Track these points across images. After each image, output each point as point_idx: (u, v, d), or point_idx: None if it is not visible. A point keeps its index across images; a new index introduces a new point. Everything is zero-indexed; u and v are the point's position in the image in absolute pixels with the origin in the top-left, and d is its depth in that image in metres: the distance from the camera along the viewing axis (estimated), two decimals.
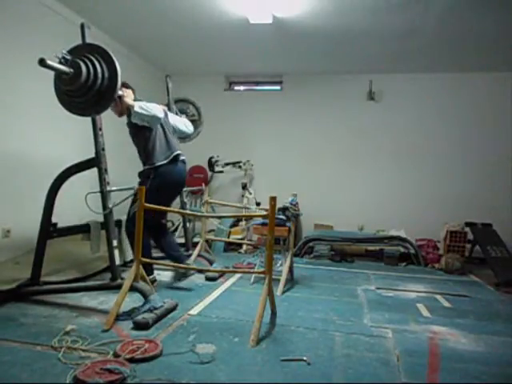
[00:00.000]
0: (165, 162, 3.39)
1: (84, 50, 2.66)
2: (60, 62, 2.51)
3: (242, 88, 6.65)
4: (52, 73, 2.64)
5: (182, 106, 4.50)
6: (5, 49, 3.62)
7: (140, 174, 3.51)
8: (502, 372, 2.15)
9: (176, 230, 6.06)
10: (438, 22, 4.17)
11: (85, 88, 2.56)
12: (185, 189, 4.64)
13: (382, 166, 6.03)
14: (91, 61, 2.57)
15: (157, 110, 3.30)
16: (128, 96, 3.29)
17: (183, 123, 3.90)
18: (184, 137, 4.11)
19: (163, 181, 3.38)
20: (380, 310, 3.12)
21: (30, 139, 3.90)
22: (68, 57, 2.55)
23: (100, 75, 2.56)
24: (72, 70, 2.51)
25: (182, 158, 3.53)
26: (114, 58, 2.60)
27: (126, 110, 3.33)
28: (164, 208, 3.14)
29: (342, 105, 6.16)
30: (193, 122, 4.22)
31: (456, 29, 4.31)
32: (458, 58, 5.21)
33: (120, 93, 3.09)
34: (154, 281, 3.44)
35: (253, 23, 4.33)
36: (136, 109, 3.17)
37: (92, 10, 4.22)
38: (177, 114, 4.20)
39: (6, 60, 3.63)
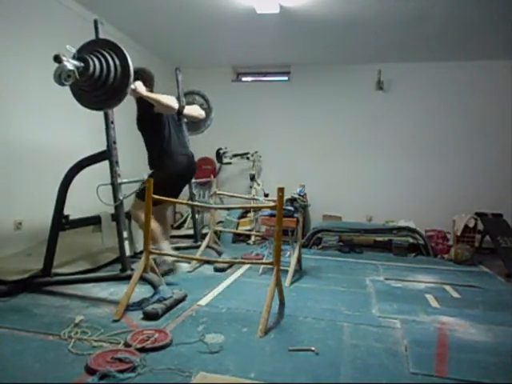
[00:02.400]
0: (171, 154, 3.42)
1: (96, 46, 2.66)
2: (72, 57, 2.54)
3: (249, 79, 6.62)
4: None
5: (187, 98, 4.51)
6: (20, 45, 3.64)
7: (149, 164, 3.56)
8: (511, 362, 2.14)
9: (185, 221, 6.11)
10: (446, 9, 4.09)
11: (98, 83, 2.57)
12: (193, 180, 4.66)
13: (390, 157, 5.98)
14: (103, 56, 2.57)
15: (171, 100, 3.29)
16: (139, 86, 3.25)
17: (195, 110, 3.90)
18: (198, 126, 4.12)
19: (167, 173, 3.42)
20: (388, 300, 3.12)
21: (43, 132, 3.94)
22: (73, 51, 2.60)
23: (112, 70, 2.56)
24: (82, 65, 2.52)
25: (186, 151, 3.57)
26: (125, 53, 2.60)
27: (139, 100, 3.33)
28: (173, 200, 3.17)
29: (350, 95, 6.10)
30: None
31: (464, 16, 4.23)
32: (466, 46, 5.11)
33: (132, 86, 3.07)
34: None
35: (260, 13, 4.29)
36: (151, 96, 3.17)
37: (99, 2, 4.21)
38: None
39: (21, 55, 3.65)
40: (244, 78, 6.62)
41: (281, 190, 2.58)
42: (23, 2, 3.70)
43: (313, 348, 2.16)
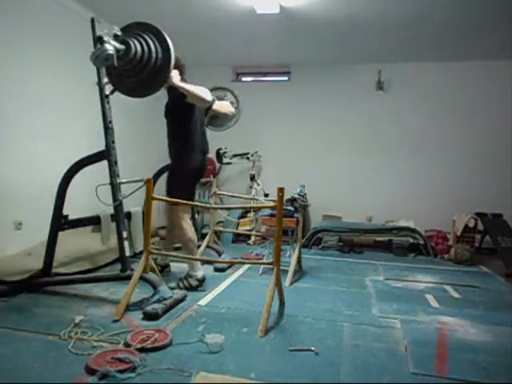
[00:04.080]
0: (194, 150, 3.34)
1: (136, 29, 2.63)
2: (114, 39, 2.51)
3: (249, 79, 6.61)
4: (61, 68, 2.65)
5: (219, 93, 4.42)
6: (17, 46, 3.64)
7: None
8: (511, 362, 2.14)
9: None
10: (446, 9, 4.09)
11: (138, 67, 2.55)
12: None
13: (390, 157, 5.98)
14: (144, 39, 2.55)
15: (205, 92, 3.16)
16: (175, 75, 3.09)
17: (226, 106, 3.73)
18: (221, 123, 4.00)
19: (186, 168, 3.33)
20: (388, 300, 3.12)
21: (42, 132, 3.94)
22: (119, 33, 2.53)
23: (154, 54, 2.54)
24: (123, 47, 2.50)
25: (207, 149, 3.51)
26: (166, 36, 2.58)
27: (171, 89, 3.18)
28: (172, 199, 3.16)
29: (350, 95, 6.10)
30: None
31: (464, 16, 4.23)
32: (466, 46, 5.12)
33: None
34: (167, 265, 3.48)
35: (260, 13, 4.29)
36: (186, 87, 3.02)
37: (98, 1, 4.21)
38: None
39: (18, 55, 3.65)
40: (244, 78, 6.62)
41: (281, 190, 2.58)
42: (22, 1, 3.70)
43: (313, 348, 2.16)
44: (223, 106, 3.64)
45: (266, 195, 5.60)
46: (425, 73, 5.83)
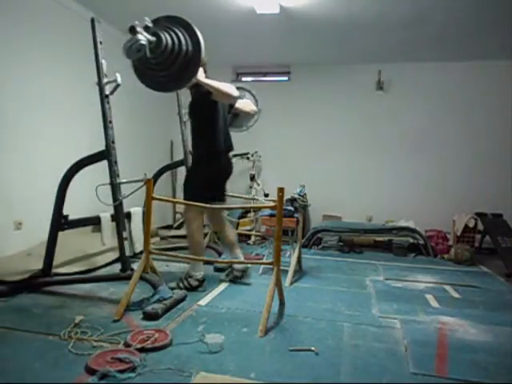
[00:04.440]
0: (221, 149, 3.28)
1: (165, 22, 2.64)
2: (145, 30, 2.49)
3: (249, 79, 6.61)
4: (61, 68, 2.65)
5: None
6: (17, 46, 3.64)
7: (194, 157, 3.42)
8: (511, 362, 2.14)
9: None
10: (446, 9, 4.09)
11: (168, 60, 2.53)
12: None
13: (390, 157, 5.99)
14: (174, 32, 2.55)
15: (231, 88, 3.13)
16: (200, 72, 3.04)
17: (248, 105, 3.72)
18: (240, 123, 3.91)
19: (213, 167, 3.29)
20: (388, 300, 3.12)
21: (42, 132, 3.94)
22: (150, 25, 2.51)
23: (184, 46, 2.54)
24: (154, 39, 2.48)
25: (231, 148, 3.45)
26: (196, 29, 2.58)
27: (194, 87, 3.16)
28: (172, 199, 3.16)
29: (350, 95, 6.10)
30: None
31: (464, 16, 4.24)
32: (467, 46, 5.13)
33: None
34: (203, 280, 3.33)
35: (260, 13, 4.29)
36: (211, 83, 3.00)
37: (97, 1, 4.21)
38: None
39: (18, 55, 3.65)
40: (244, 78, 6.61)
41: (281, 190, 2.58)
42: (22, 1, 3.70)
43: (313, 348, 2.16)
44: (246, 105, 3.62)
45: (266, 195, 5.60)
46: (425, 73, 5.83)
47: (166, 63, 2.56)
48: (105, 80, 2.88)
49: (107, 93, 2.90)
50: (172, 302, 2.71)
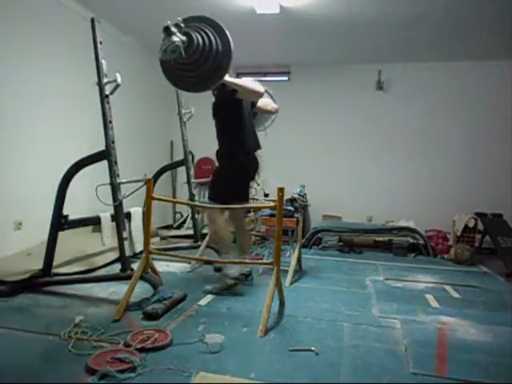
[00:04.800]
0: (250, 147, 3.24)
1: (193, 22, 2.62)
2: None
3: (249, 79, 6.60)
4: (61, 68, 2.64)
5: None
6: (17, 46, 3.65)
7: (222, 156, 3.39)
8: (511, 362, 2.14)
9: (185, 221, 6.10)
10: (446, 9, 4.10)
11: (201, 59, 2.51)
12: (193, 180, 4.66)
13: (390, 157, 5.99)
14: (204, 32, 2.53)
15: (257, 85, 3.10)
16: None
17: (269, 103, 3.69)
18: (258, 123, 3.83)
19: (239, 167, 3.25)
20: (388, 300, 3.12)
21: (42, 132, 3.94)
22: (182, 24, 2.49)
23: (214, 46, 2.52)
24: (185, 39, 2.46)
25: (258, 147, 3.41)
26: (225, 29, 2.57)
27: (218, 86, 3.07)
28: (172, 199, 3.16)
29: (350, 95, 6.11)
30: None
31: (464, 16, 4.24)
32: (466, 46, 5.13)
33: None
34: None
35: (260, 13, 4.29)
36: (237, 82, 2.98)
37: (96, 1, 4.21)
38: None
39: (18, 55, 3.66)
40: (244, 78, 6.60)
41: (281, 190, 2.58)
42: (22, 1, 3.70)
43: (313, 348, 2.16)
44: (267, 104, 3.57)
45: (266, 195, 5.59)
46: (425, 73, 5.83)
47: (196, 64, 2.54)
48: (105, 80, 2.88)
49: (107, 93, 2.90)
50: (172, 302, 2.71)
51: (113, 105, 2.95)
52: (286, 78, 6.38)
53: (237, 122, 3.20)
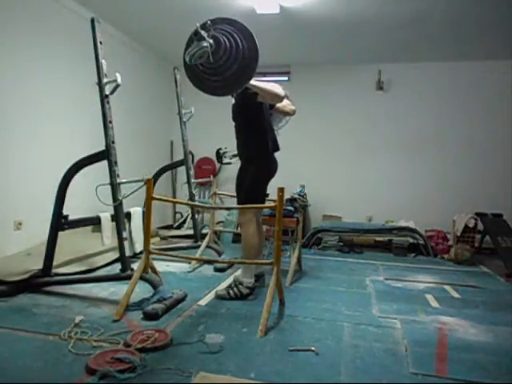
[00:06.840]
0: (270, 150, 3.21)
1: (222, 24, 2.58)
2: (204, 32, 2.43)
3: None
4: (61, 68, 2.64)
5: None
6: (17, 46, 3.65)
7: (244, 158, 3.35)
8: (511, 362, 2.14)
9: (185, 221, 6.11)
10: (446, 9, 4.10)
11: (228, 63, 2.47)
12: (193, 180, 4.66)
13: (390, 157, 5.99)
14: (231, 35, 2.49)
15: (277, 88, 3.04)
16: None
17: (287, 105, 3.64)
18: (275, 124, 3.77)
19: (262, 170, 3.23)
20: (388, 300, 3.12)
21: (42, 132, 3.94)
22: (211, 28, 2.46)
23: (241, 51, 2.49)
24: (212, 42, 2.43)
25: (278, 149, 3.36)
26: (253, 34, 2.52)
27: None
28: (172, 199, 3.16)
29: (350, 95, 6.11)
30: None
31: (464, 16, 4.24)
32: (466, 46, 5.13)
33: None
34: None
35: (260, 13, 4.29)
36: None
37: (96, 1, 4.21)
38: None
39: (17, 55, 3.65)
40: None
41: (281, 190, 2.58)
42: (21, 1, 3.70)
43: (313, 348, 2.16)
44: (286, 105, 3.54)
45: (266, 195, 5.59)
46: (425, 73, 5.83)
47: (222, 68, 2.50)
48: (105, 80, 2.88)
49: (107, 93, 2.90)
50: (172, 302, 2.71)
51: (113, 105, 2.95)
52: (285, 78, 6.38)
53: (258, 124, 3.20)
